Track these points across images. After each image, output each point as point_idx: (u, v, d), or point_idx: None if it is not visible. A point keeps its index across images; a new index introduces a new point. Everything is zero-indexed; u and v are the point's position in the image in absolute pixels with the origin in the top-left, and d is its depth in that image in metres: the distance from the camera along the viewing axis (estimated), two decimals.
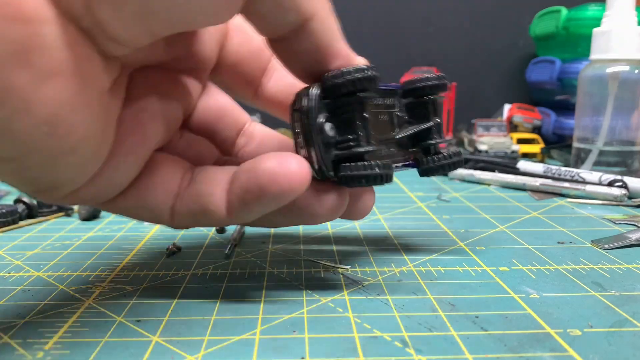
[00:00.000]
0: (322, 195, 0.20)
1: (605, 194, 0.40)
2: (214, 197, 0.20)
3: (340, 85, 0.19)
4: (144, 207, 0.20)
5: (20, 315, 0.21)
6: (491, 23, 0.77)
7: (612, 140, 0.47)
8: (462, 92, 0.69)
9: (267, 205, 0.18)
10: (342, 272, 0.26)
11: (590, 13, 0.58)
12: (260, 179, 0.18)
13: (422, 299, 0.22)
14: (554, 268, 0.26)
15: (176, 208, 0.20)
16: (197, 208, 0.20)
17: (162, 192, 0.20)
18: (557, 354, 0.18)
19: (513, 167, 0.49)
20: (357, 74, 0.19)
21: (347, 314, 0.21)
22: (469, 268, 0.26)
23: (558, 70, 0.62)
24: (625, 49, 0.45)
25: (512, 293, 0.23)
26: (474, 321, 0.20)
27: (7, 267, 0.27)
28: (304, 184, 0.18)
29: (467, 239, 0.31)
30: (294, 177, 0.18)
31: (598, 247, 0.29)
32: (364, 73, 0.19)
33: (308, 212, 0.20)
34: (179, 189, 0.20)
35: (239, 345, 0.19)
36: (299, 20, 0.18)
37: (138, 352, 0.18)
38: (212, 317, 0.21)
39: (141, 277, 0.25)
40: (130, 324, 0.20)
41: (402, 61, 0.74)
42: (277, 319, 0.21)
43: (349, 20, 0.75)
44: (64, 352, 0.18)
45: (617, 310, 0.21)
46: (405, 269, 0.26)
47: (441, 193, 0.44)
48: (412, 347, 0.18)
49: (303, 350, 0.18)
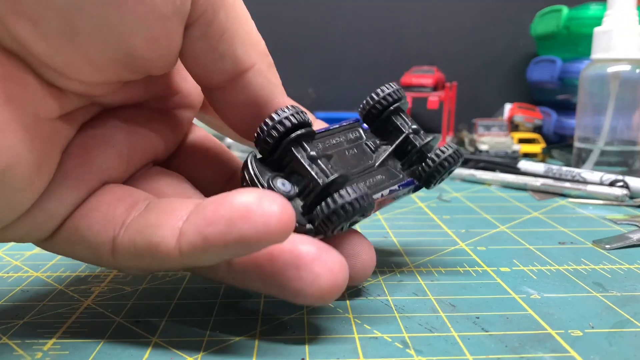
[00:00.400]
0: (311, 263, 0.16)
1: (607, 194, 0.40)
2: (163, 228, 0.16)
3: (266, 138, 0.18)
4: (80, 238, 0.18)
5: (19, 315, 0.21)
6: (492, 22, 0.76)
7: (613, 140, 0.47)
8: (463, 91, 0.69)
9: (231, 246, 0.15)
10: None
11: (591, 12, 0.58)
12: (229, 211, 0.15)
13: (423, 299, 0.22)
14: (555, 268, 0.26)
15: (118, 240, 0.17)
16: (141, 240, 0.16)
17: (100, 219, 0.17)
18: (558, 354, 0.18)
19: (514, 167, 0.49)
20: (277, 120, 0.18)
21: (347, 314, 0.21)
22: (469, 268, 0.26)
23: (559, 70, 0.62)
24: (626, 49, 0.45)
25: (513, 293, 0.23)
26: (474, 322, 0.20)
27: (5, 268, 0.27)
28: (284, 232, 0.15)
29: (467, 239, 0.31)
30: (272, 219, 0.14)
31: (599, 248, 0.29)
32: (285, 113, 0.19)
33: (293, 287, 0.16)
34: (124, 218, 0.17)
35: (238, 346, 0.18)
36: (236, 70, 0.17)
37: (137, 353, 0.18)
38: (211, 317, 0.21)
39: (140, 278, 0.25)
40: (130, 324, 0.20)
41: (402, 60, 0.74)
42: (276, 320, 0.20)
43: (350, 20, 0.75)
44: (62, 352, 0.18)
45: (619, 311, 0.21)
46: (405, 270, 0.26)
47: (442, 193, 0.44)
48: (412, 348, 0.18)
49: (303, 351, 0.18)
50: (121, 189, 0.19)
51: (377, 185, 0.22)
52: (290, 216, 0.15)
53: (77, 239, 0.18)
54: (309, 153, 0.19)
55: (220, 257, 0.16)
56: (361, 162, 0.22)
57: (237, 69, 0.18)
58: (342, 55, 0.75)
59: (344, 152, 0.22)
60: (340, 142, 0.22)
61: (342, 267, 0.17)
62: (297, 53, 0.76)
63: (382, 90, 0.23)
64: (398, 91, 0.23)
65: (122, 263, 0.18)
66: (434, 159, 0.23)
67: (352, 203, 0.18)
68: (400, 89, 0.24)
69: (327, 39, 0.76)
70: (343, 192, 0.18)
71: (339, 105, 0.76)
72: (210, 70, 0.18)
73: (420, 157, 0.23)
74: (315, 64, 0.76)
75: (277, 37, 0.73)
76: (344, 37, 0.75)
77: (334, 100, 0.76)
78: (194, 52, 0.17)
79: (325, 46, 0.76)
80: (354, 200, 0.18)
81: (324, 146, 0.21)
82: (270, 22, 0.74)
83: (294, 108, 0.19)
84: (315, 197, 0.19)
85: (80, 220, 0.18)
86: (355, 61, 0.75)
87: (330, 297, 0.16)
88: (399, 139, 0.23)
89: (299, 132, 0.19)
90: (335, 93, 0.76)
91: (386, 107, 0.23)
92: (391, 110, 0.23)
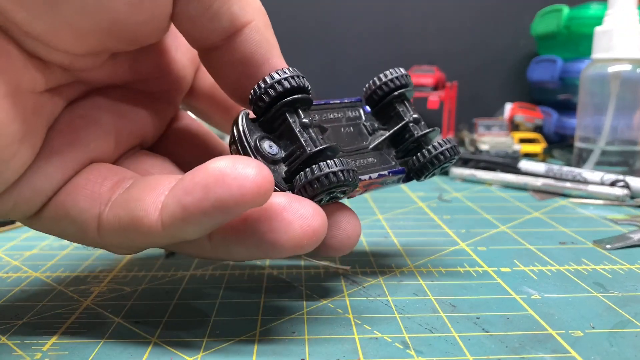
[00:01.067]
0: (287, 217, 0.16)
1: (607, 194, 0.40)
2: (145, 202, 0.16)
3: (261, 96, 0.18)
4: (66, 215, 0.18)
5: (18, 315, 0.21)
6: (492, 22, 0.76)
7: (614, 139, 0.47)
8: (463, 91, 0.69)
9: (210, 213, 0.15)
10: (342, 272, 0.26)
11: (592, 12, 0.57)
12: (205, 178, 0.15)
13: (423, 299, 0.22)
14: (556, 269, 0.26)
15: (103, 217, 0.17)
16: (125, 215, 0.16)
17: (86, 196, 0.17)
18: (558, 355, 0.18)
19: (514, 167, 0.49)
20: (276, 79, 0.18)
21: (348, 315, 0.21)
22: (470, 269, 0.26)
23: (560, 70, 0.62)
24: (627, 48, 0.45)
25: (514, 294, 0.23)
26: (475, 322, 0.20)
27: (5, 268, 0.27)
28: (260, 194, 0.15)
29: (468, 239, 0.31)
30: (246, 182, 0.14)
31: (600, 248, 0.29)
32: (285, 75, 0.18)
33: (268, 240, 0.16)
34: (110, 196, 0.17)
35: (238, 347, 0.18)
36: (233, 27, 0.17)
37: (137, 353, 0.18)
38: (211, 318, 0.21)
39: (140, 278, 0.25)
40: (129, 325, 0.20)
41: (402, 60, 0.74)
42: (276, 320, 0.20)
43: (350, 19, 0.75)
44: (62, 353, 0.18)
45: (619, 311, 0.21)
46: (405, 270, 0.26)
47: (442, 193, 0.44)
48: (412, 349, 0.18)
49: (303, 352, 0.18)
50: (107, 168, 0.19)
51: (367, 167, 0.21)
52: (266, 178, 0.15)
53: (63, 215, 0.18)
54: (302, 120, 0.19)
55: (201, 228, 0.15)
56: (355, 141, 0.22)
57: (233, 26, 0.17)
58: (342, 54, 0.75)
59: (340, 129, 0.21)
60: (338, 117, 0.22)
61: (315, 213, 0.16)
62: (297, 52, 0.75)
63: (388, 74, 0.23)
64: (404, 77, 0.23)
65: (108, 240, 0.18)
66: (430, 150, 0.22)
67: (336, 174, 0.18)
68: (407, 75, 0.23)
69: (327, 38, 0.75)
70: (329, 162, 0.18)
71: None
72: (206, 30, 0.17)
73: (417, 147, 0.23)
74: (315, 63, 0.76)
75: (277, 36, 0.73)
76: (344, 37, 0.75)
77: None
78: (187, 13, 0.17)
79: (326, 45, 0.76)
80: (338, 172, 0.18)
81: (320, 118, 0.21)
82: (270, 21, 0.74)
83: (295, 71, 0.18)
84: (300, 164, 0.18)
85: (67, 198, 0.18)
86: (355, 61, 0.75)
87: (307, 243, 0.16)
88: (397, 126, 0.23)
89: (296, 96, 0.18)
90: (335, 92, 0.76)
91: (390, 91, 0.23)
92: (395, 96, 0.23)
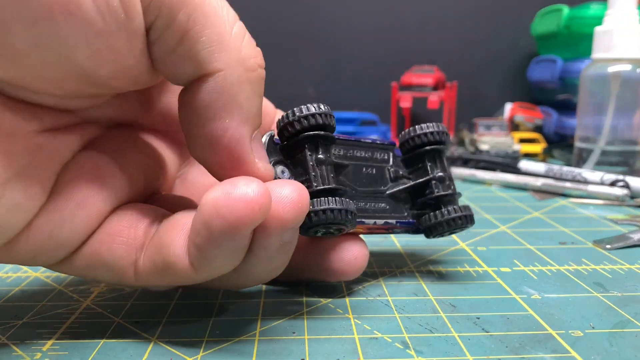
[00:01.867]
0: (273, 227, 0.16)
1: (607, 194, 0.40)
2: (174, 247, 0.17)
3: (286, 126, 0.19)
4: (101, 265, 0.18)
5: (18, 316, 0.21)
6: (492, 22, 0.76)
7: (614, 139, 0.47)
8: (463, 91, 0.69)
9: (220, 246, 0.15)
10: None
11: (592, 12, 0.57)
12: (203, 214, 0.15)
13: (423, 299, 0.22)
14: (556, 269, 0.26)
15: (139, 263, 0.17)
16: (160, 261, 0.17)
17: (120, 244, 0.18)
18: (558, 355, 0.18)
19: (514, 167, 0.49)
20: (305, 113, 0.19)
21: (348, 315, 0.21)
22: (470, 269, 0.26)
23: (559, 70, 0.62)
24: (627, 48, 0.45)
25: (514, 294, 0.23)
26: (475, 322, 0.20)
27: (4, 268, 0.27)
28: (256, 213, 0.15)
29: (468, 239, 0.31)
30: (238, 206, 0.15)
31: (600, 248, 0.29)
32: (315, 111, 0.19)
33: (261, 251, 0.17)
34: (144, 240, 0.18)
35: (238, 347, 0.18)
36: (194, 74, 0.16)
37: (136, 354, 0.18)
38: (211, 318, 0.21)
39: None
40: (129, 325, 0.20)
41: (402, 60, 0.73)
42: (276, 320, 0.20)
43: (350, 19, 0.75)
44: (62, 353, 0.18)
45: (619, 311, 0.21)
46: (405, 270, 0.26)
47: None
48: (412, 349, 0.18)
49: (303, 352, 0.18)
50: (138, 209, 0.19)
51: (376, 211, 0.22)
52: (260, 195, 0.15)
53: (99, 264, 0.18)
54: (318, 156, 0.19)
55: (225, 260, 0.16)
56: (374, 183, 0.22)
57: (195, 73, 0.16)
58: (343, 54, 0.75)
59: (362, 168, 0.22)
60: (364, 157, 0.22)
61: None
62: (297, 52, 0.75)
63: (426, 127, 0.23)
64: (442, 134, 0.23)
65: (145, 282, 0.18)
66: (444, 213, 0.22)
67: (332, 211, 0.19)
68: (446, 133, 0.23)
69: (328, 38, 0.75)
70: (330, 198, 0.19)
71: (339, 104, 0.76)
72: (171, 72, 0.17)
73: (435, 205, 0.23)
74: (315, 63, 0.76)
75: (278, 36, 0.73)
76: (344, 37, 0.75)
77: (334, 100, 0.76)
78: (154, 55, 0.16)
79: (326, 45, 0.76)
80: (335, 210, 0.19)
81: (345, 153, 0.22)
82: (271, 21, 0.74)
83: (326, 109, 0.19)
84: None
85: (101, 247, 0.18)
86: (356, 60, 0.75)
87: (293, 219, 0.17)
88: (420, 180, 0.23)
89: (318, 132, 0.19)
90: (336, 92, 0.76)
91: (423, 144, 0.23)
92: (427, 150, 0.23)
